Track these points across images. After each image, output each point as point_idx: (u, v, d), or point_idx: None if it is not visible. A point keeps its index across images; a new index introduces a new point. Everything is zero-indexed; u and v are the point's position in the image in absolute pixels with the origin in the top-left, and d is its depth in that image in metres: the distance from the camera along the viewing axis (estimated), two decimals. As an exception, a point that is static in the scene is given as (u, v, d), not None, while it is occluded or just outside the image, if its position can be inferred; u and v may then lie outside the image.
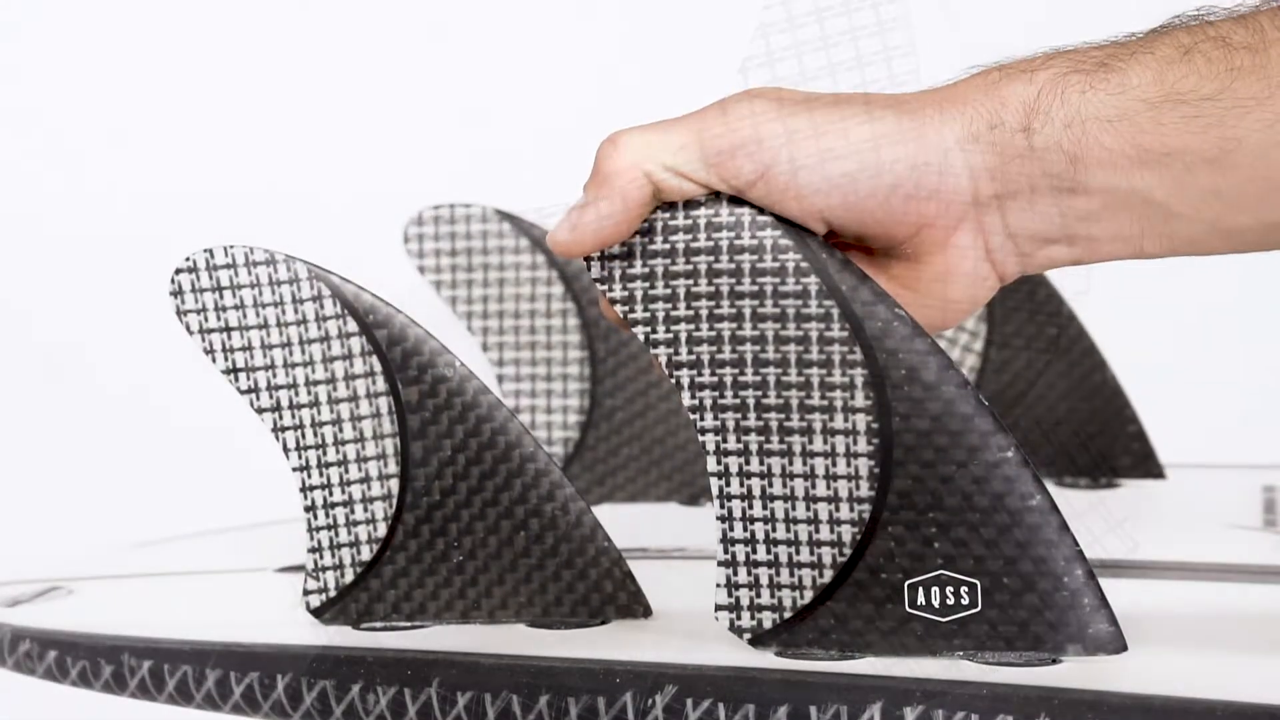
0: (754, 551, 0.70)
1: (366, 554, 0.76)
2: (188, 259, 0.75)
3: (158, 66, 2.07)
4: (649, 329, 0.70)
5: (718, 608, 0.71)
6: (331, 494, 0.76)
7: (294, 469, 0.76)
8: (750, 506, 0.70)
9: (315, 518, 0.76)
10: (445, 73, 2.00)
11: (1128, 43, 0.68)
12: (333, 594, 0.77)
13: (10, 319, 2.05)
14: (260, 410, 0.76)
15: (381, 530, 0.76)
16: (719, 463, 0.70)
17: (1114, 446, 1.01)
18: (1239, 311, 2.02)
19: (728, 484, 0.70)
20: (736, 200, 0.69)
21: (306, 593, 0.77)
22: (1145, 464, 1.02)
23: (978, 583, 0.68)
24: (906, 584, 0.69)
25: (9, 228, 2.06)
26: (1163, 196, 0.68)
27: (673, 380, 0.70)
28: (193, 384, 1.50)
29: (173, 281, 0.75)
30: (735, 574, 0.70)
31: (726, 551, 0.70)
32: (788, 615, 0.70)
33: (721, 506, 0.70)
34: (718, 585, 0.71)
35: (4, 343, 2.05)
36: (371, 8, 2.08)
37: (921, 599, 0.69)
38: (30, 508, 1.99)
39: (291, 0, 2.07)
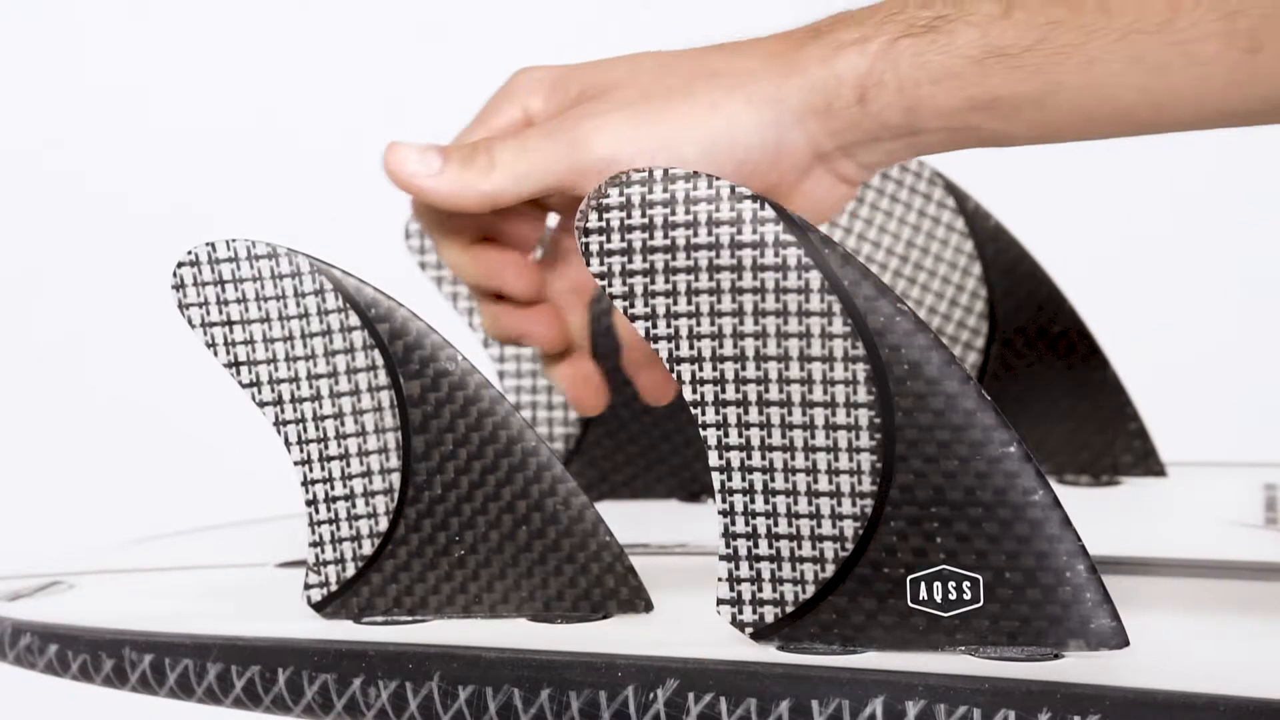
0: (756, 546, 0.70)
1: (368, 548, 0.76)
2: (190, 253, 0.76)
3: (159, 63, 2.07)
4: (649, 324, 0.70)
5: (719, 602, 0.71)
6: (333, 488, 0.76)
7: (295, 463, 0.76)
8: (752, 501, 0.70)
9: (317, 512, 0.76)
10: (447, 68, 2.00)
11: None
12: (334, 588, 0.77)
13: (10, 318, 2.06)
14: (262, 404, 0.76)
15: (383, 524, 0.76)
16: (720, 457, 0.70)
17: (1115, 444, 1.01)
18: (1240, 309, 2.02)
19: (729, 479, 0.70)
20: (740, 196, 0.69)
21: (308, 587, 0.77)
22: (1146, 461, 1.01)
23: (980, 578, 0.68)
24: (909, 579, 0.69)
25: (9, 227, 2.06)
26: (996, 127, 0.74)
27: (674, 375, 0.70)
28: (194, 379, 1.50)
29: (175, 275, 0.76)
30: (737, 568, 0.70)
31: (728, 546, 0.70)
32: (790, 609, 0.70)
33: (723, 501, 0.70)
34: (719, 579, 0.71)
35: (4, 341, 2.05)
36: (375, 2, 2.08)
37: (924, 594, 0.69)
38: (31, 502, 1.99)
39: (293, -3, 2.07)
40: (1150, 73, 0.72)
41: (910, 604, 0.69)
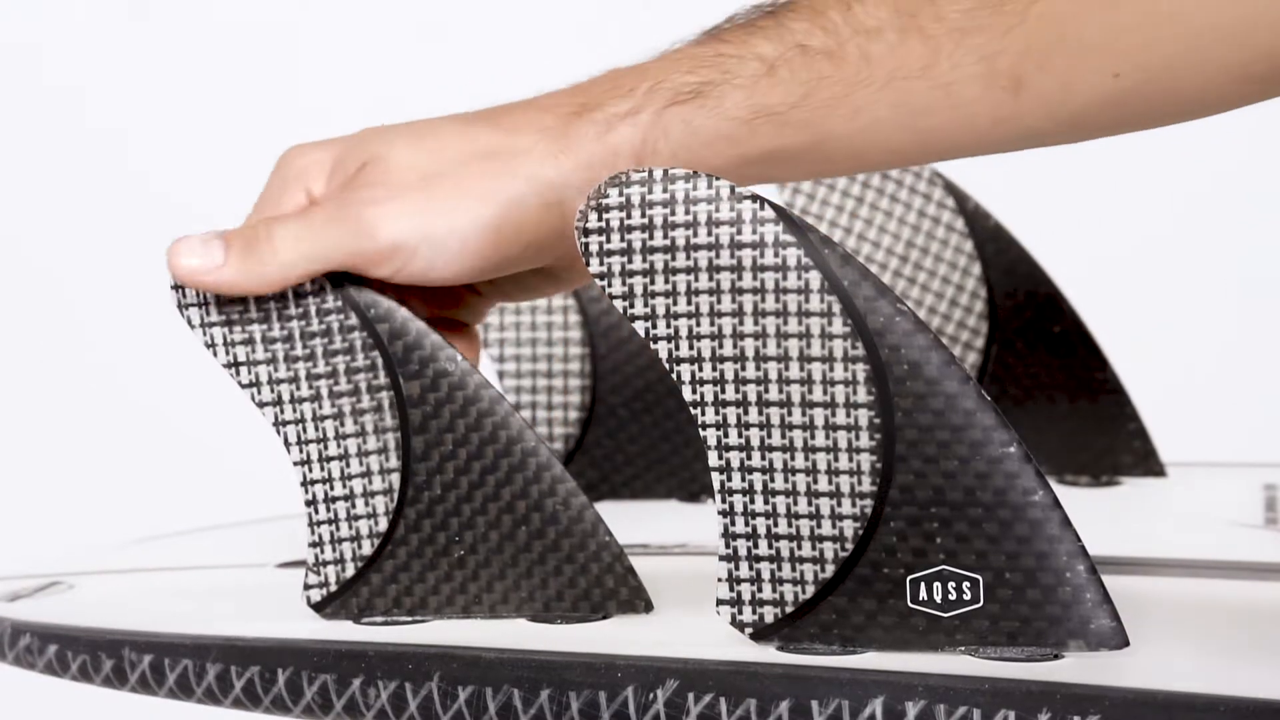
0: (755, 546, 0.70)
1: (368, 548, 0.76)
2: (189, 253, 0.75)
3: (159, 62, 2.07)
4: (649, 324, 0.70)
5: (719, 602, 0.71)
6: (332, 488, 0.76)
7: (295, 463, 0.76)
8: (752, 501, 0.70)
9: (316, 512, 0.76)
10: (447, 68, 2.00)
11: (719, 60, 0.75)
12: (334, 588, 0.77)
13: (10, 317, 2.05)
14: (261, 405, 0.76)
15: (383, 525, 0.76)
16: (720, 457, 0.70)
17: (1115, 444, 1.01)
18: (1240, 309, 2.02)
19: (729, 479, 0.70)
20: (740, 196, 0.69)
21: (307, 587, 0.77)
22: (1146, 462, 1.02)
23: (980, 578, 0.68)
24: (908, 579, 0.69)
25: (9, 225, 2.06)
26: (776, 175, 0.77)
27: (673, 375, 0.70)
28: (194, 379, 1.50)
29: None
30: (737, 568, 0.70)
31: (728, 546, 0.70)
32: (789, 610, 0.70)
33: (723, 501, 0.70)
34: (719, 580, 0.71)
35: (4, 341, 2.05)
36: (374, 3, 2.08)
37: (923, 594, 0.69)
38: (31, 502, 1.99)
39: (293, -3, 2.07)
40: (915, 115, 0.73)
41: (910, 604, 0.69)
